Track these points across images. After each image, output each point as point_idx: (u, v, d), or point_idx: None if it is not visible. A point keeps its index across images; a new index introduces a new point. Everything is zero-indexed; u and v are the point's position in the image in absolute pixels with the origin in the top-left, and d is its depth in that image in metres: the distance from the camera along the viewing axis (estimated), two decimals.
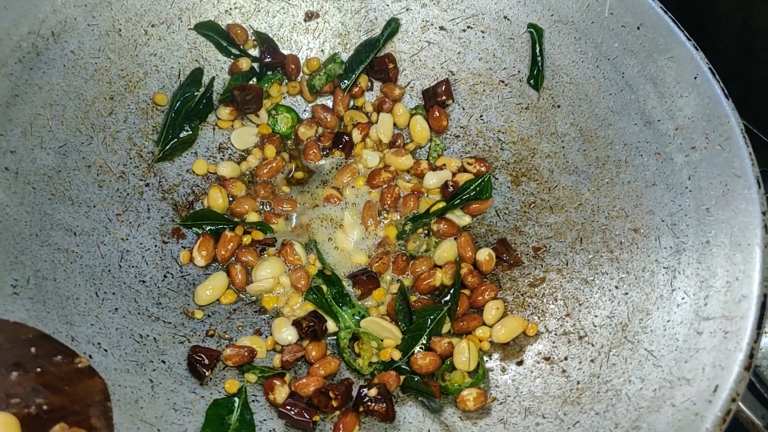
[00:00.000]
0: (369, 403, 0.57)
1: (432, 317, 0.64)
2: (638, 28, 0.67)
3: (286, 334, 0.64)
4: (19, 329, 0.45)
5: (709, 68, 0.62)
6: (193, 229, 0.69)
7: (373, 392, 0.57)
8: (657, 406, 0.51)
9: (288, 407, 0.58)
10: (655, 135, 0.65)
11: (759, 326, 0.50)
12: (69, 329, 0.57)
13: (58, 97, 0.65)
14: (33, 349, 0.43)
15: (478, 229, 0.72)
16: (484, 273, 0.68)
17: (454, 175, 0.73)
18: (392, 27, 0.76)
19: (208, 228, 0.69)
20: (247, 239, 0.69)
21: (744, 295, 0.52)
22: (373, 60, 0.76)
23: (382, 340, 0.64)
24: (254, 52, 0.76)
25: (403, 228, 0.71)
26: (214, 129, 0.74)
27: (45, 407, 0.42)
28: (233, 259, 0.68)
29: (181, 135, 0.71)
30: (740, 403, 0.74)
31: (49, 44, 0.64)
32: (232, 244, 0.68)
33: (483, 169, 0.73)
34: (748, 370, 0.49)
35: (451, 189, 0.72)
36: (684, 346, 0.54)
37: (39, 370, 0.42)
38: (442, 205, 0.71)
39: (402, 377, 0.62)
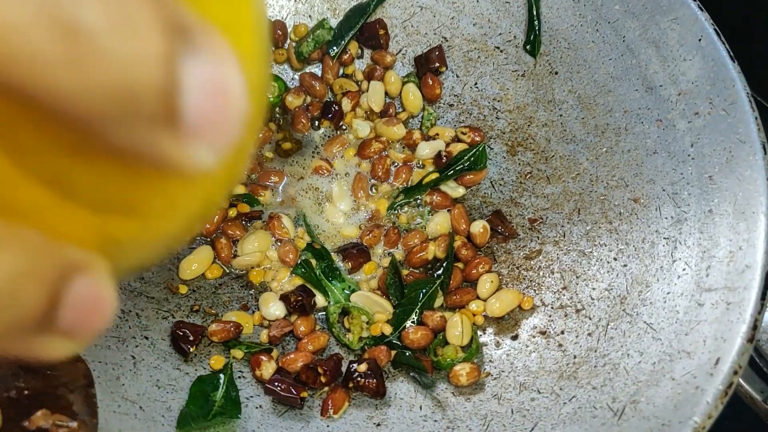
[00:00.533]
0: (359, 379, 0.56)
1: (424, 291, 0.62)
2: None
3: (274, 309, 0.62)
4: None
5: (715, 29, 0.59)
6: None
7: (362, 368, 0.56)
8: (656, 380, 0.49)
9: (275, 383, 0.56)
10: (656, 101, 0.62)
11: (763, 297, 0.48)
12: None
13: None
14: None
15: (472, 200, 0.70)
16: (478, 246, 0.66)
17: (447, 145, 0.71)
18: None
19: None
20: (232, 212, 0.67)
21: (748, 264, 0.50)
22: (363, 26, 0.73)
23: (372, 315, 0.62)
24: None
25: (395, 200, 0.69)
26: None
27: (26, 392, 0.40)
28: (219, 232, 0.66)
29: None
30: (739, 378, 0.73)
31: None
32: (217, 217, 0.66)
33: (477, 138, 0.71)
34: (751, 342, 0.47)
35: (444, 160, 0.69)
36: (684, 319, 0.52)
37: None
38: (435, 176, 0.69)
39: (393, 352, 0.60)
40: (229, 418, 0.55)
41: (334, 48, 0.73)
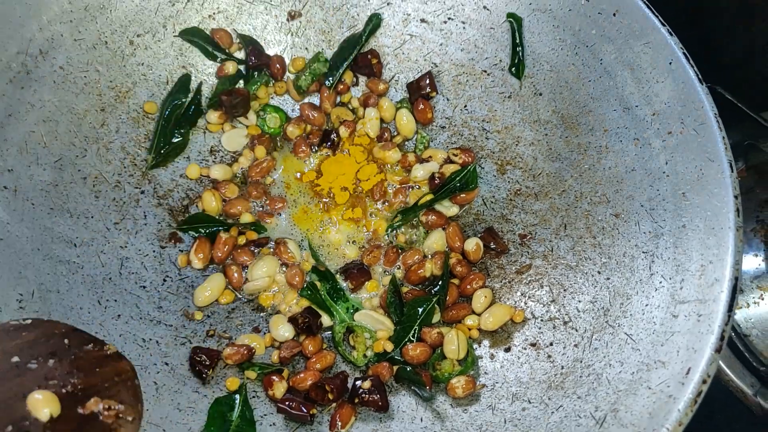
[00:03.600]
0: (363, 395, 0.60)
1: (422, 308, 0.66)
2: (614, 15, 0.68)
3: (283, 330, 0.67)
4: (54, 325, 0.50)
5: (684, 53, 0.63)
6: (189, 232, 0.71)
7: (366, 384, 0.60)
8: (634, 389, 0.53)
9: (286, 402, 0.60)
10: (633, 120, 0.66)
11: (730, 309, 0.52)
12: None
13: (50, 113, 0.67)
14: (66, 341, 0.49)
15: (465, 218, 0.74)
16: (472, 262, 0.70)
17: (440, 166, 0.75)
18: (374, 22, 0.77)
19: (204, 231, 0.71)
20: (241, 240, 0.71)
21: (717, 278, 0.54)
22: (357, 56, 0.77)
23: (375, 332, 0.66)
24: (240, 54, 0.77)
25: (393, 221, 0.73)
26: (204, 133, 0.76)
27: (80, 386, 0.47)
28: (229, 259, 0.71)
29: (173, 141, 0.73)
30: (730, 372, 0.77)
31: (38, 62, 0.66)
32: (227, 245, 0.70)
33: (468, 159, 0.74)
34: (719, 352, 0.51)
35: (437, 181, 0.73)
36: (661, 330, 0.56)
37: (72, 357, 0.48)
38: (429, 197, 0.73)
39: (395, 367, 0.64)
40: None
41: (330, 79, 0.77)
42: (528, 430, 0.56)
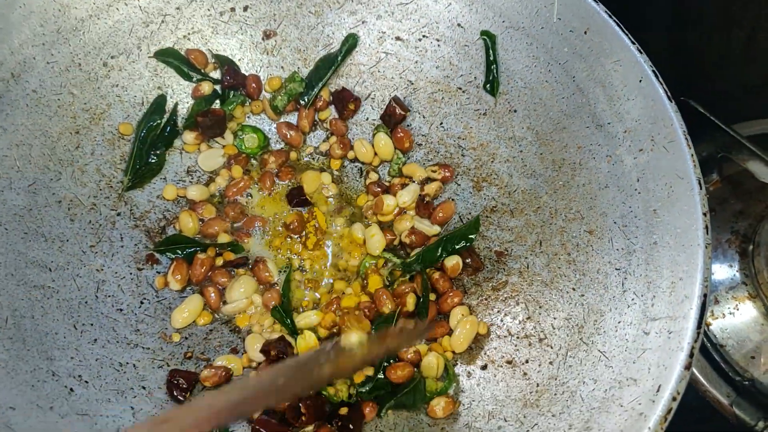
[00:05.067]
0: (339, 422, 0.60)
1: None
2: (585, 33, 0.68)
3: (259, 350, 0.67)
4: None
5: (653, 71, 0.64)
6: (167, 254, 0.71)
7: (344, 410, 0.60)
8: (607, 407, 0.54)
9: (261, 424, 0.60)
10: (606, 137, 0.67)
11: (699, 326, 0.53)
12: (49, 364, 0.60)
13: (23, 136, 0.67)
14: None
15: (443, 235, 0.74)
16: (450, 278, 0.71)
17: (422, 186, 0.75)
18: (350, 42, 0.78)
19: (181, 252, 0.71)
20: (219, 261, 0.71)
21: (686, 295, 0.55)
22: (339, 92, 0.77)
23: None
24: (215, 74, 0.77)
25: (391, 273, 0.72)
26: (181, 153, 0.76)
27: None
28: (207, 281, 0.71)
29: (149, 162, 0.73)
30: (706, 383, 0.78)
31: (9, 86, 0.66)
32: (204, 266, 0.70)
33: (448, 174, 0.75)
34: (688, 369, 0.51)
35: (425, 201, 0.74)
36: (633, 347, 0.56)
37: None
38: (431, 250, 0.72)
39: (378, 407, 0.64)
40: None
41: (306, 98, 0.77)
42: None
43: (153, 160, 0.73)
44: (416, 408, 0.63)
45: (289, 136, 0.77)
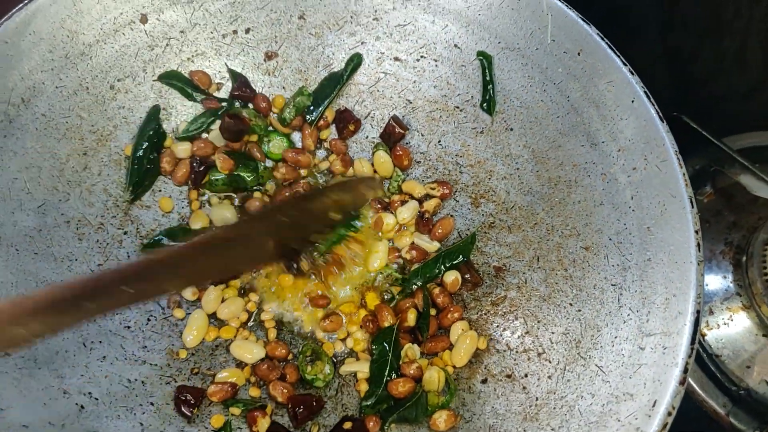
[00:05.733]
0: None
1: (386, 342, 0.68)
2: (579, 54, 0.70)
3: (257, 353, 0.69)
4: None
5: (645, 92, 0.65)
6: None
7: (348, 425, 0.62)
8: (604, 422, 0.56)
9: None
10: (600, 156, 0.69)
11: (692, 341, 0.54)
12: (60, 382, 0.61)
13: (33, 159, 0.68)
14: None
15: (442, 251, 0.76)
16: (450, 293, 0.72)
17: (421, 203, 0.77)
18: (355, 62, 0.80)
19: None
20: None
21: (680, 311, 0.56)
22: (342, 112, 0.79)
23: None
24: (219, 94, 0.79)
25: (391, 293, 0.74)
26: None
27: None
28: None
29: (146, 168, 0.74)
30: (702, 393, 0.79)
31: (20, 111, 0.68)
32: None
33: (446, 191, 0.77)
34: (683, 384, 0.53)
35: (425, 218, 0.75)
36: (629, 362, 0.58)
37: None
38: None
39: (381, 421, 0.65)
40: None
41: (313, 115, 0.79)
42: None
43: (149, 167, 0.75)
44: (419, 422, 0.64)
45: (299, 160, 0.78)
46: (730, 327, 0.82)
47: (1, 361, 0.59)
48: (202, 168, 0.76)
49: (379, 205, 0.77)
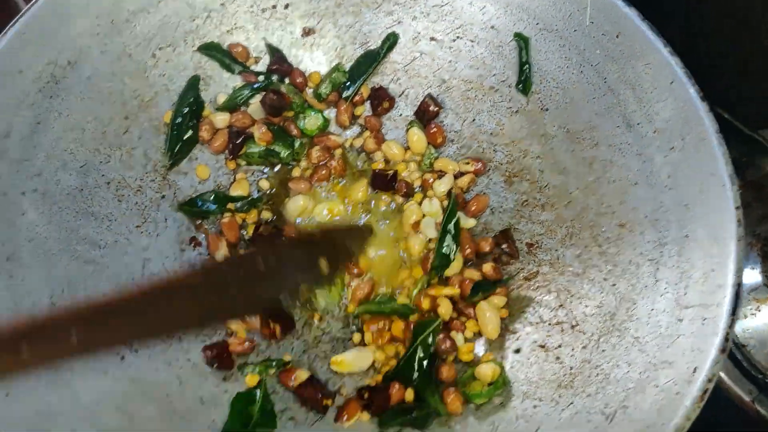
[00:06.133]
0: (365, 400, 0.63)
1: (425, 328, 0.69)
2: (617, 36, 0.71)
3: None
4: None
5: (685, 73, 0.66)
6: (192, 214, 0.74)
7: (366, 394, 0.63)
8: (642, 387, 0.56)
9: (305, 388, 0.64)
10: (636, 137, 0.69)
11: (734, 312, 0.55)
12: None
13: (76, 121, 0.69)
14: None
15: (474, 228, 0.77)
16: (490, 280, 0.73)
17: (456, 178, 0.78)
18: (391, 41, 0.81)
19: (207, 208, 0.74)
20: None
21: (720, 284, 0.57)
22: (376, 90, 0.80)
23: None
24: (256, 67, 0.80)
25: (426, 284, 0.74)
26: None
27: None
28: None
29: (185, 138, 0.75)
30: (728, 380, 0.80)
31: (67, 73, 0.69)
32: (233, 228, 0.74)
33: (480, 167, 0.77)
34: (724, 352, 0.54)
35: (455, 194, 0.76)
36: (666, 333, 0.59)
37: None
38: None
39: (408, 390, 0.66)
40: (266, 430, 0.61)
41: (349, 90, 0.80)
42: (539, 426, 0.58)
43: (187, 135, 0.76)
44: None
45: (329, 142, 0.79)
46: (757, 317, 0.82)
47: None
48: (240, 139, 0.76)
49: (405, 188, 0.77)
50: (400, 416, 0.64)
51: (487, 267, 0.71)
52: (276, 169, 0.78)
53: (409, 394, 0.65)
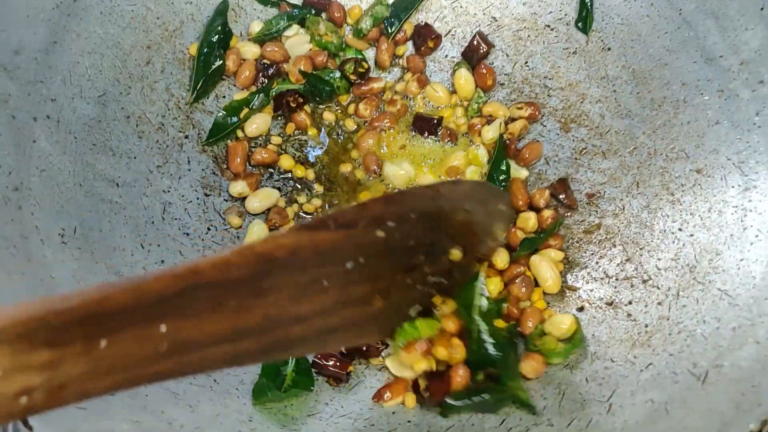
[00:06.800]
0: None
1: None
2: None
3: None
4: None
5: None
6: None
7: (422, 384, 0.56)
8: (739, 344, 0.49)
9: (322, 359, 0.56)
10: (717, 72, 0.62)
11: None
12: (118, 279, 0.56)
13: (95, 45, 0.63)
14: None
15: (528, 178, 0.70)
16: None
17: (506, 125, 0.70)
18: None
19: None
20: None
21: None
22: (420, 27, 0.73)
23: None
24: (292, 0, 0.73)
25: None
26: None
27: None
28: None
29: (213, 67, 0.68)
30: None
31: None
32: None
33: (534, 111, 0.70)
34: None
35: (507, 141, 0.69)
36: (762, 284, 0.52)
37: None
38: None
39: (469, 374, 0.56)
40: (302, 390, 0.55)
41: (393, 27, 0.73)
42: (616, 388, 0.51)
43: (216, 64, 0.68)
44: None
45: (370, 88, 0.72)
46: None
47: (58, 249, 0.54)
48: (270, 72, 0.70)
49: (448, 136, 0.70)
50: (466, 399, 0.54)
51: (547, 214, 0.64)
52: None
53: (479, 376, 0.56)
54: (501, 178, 0.67)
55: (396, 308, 0.50)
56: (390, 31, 0.73)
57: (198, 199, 0.65)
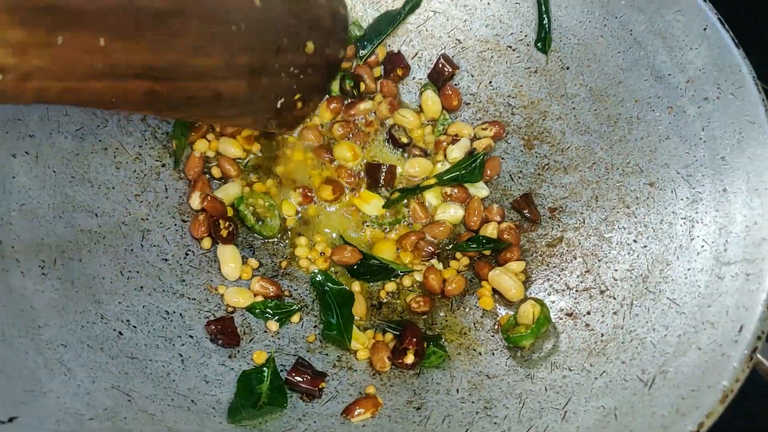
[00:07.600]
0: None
1: None
2: None
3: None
4: None
5: (718, 18, 0.62)
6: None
7: (409, 359, 0.59)
8: (683, 351, 0.52)
9: (294, 375, 0.59)
10: (666, 89, 0.65)
11: None
12: (98, 308, 0.58)
13: None
14: None
15: (492, 194, 0.73)
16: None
17: (472, 142, 0.73)
18: (413, 2, 0.76)
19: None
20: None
21: (764, 237, 0.53)
22: (392, 55, 0.76)
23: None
24: None
25: (390, 198, 0.71)
26: None
27: None
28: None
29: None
30: (759, 356, 0.75)
31: None
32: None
33: (499, 130, 0.73)
34: None
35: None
36: (706, 292, 0.54)
37: None
38: (432, 181, 0.71)
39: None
40: (276, 408, 0.57)
41: (365, 49, 0.76)
42: (571, 396, 0.54)
43: None
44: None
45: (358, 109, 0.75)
46: None
47: (38, 280, 0.56)
48: None
49: (417, 151, 0.73)
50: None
51: (504, 225, 0.67)
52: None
53: None
54: None
55: (265, 95, 0.61)
56: (362, 53, 0.76)
57: (176, 225, 0.68)
